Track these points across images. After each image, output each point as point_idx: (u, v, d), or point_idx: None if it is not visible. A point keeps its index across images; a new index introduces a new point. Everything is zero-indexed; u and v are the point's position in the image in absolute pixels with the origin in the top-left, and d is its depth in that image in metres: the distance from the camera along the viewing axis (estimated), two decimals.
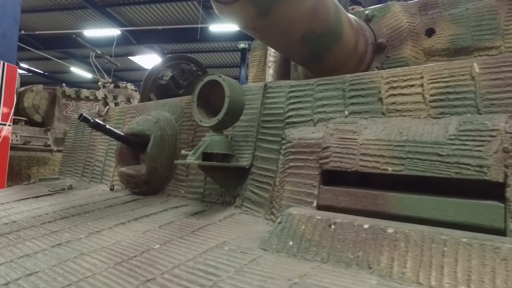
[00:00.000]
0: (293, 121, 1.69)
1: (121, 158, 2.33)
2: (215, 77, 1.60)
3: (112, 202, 2.07)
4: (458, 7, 2.45)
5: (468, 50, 2.39)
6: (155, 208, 1.86)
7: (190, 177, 2.04)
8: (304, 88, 1.70)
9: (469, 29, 2.38)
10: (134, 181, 2.16)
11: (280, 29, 1.88)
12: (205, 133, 2.05)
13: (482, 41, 2.34)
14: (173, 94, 3.52)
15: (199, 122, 1.63)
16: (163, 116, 2.28)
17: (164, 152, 2.13)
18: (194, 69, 3.64)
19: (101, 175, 2.74)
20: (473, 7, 2.39)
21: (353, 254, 1.05)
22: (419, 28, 2.57)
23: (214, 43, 16.58)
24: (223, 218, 1.62)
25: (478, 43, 2.35)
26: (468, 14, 2.39)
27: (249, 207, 1.70)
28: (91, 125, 1.98)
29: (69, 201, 2.18)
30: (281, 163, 1.53)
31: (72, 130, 3.38)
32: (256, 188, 1.71)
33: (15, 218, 1.81)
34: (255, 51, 3.67)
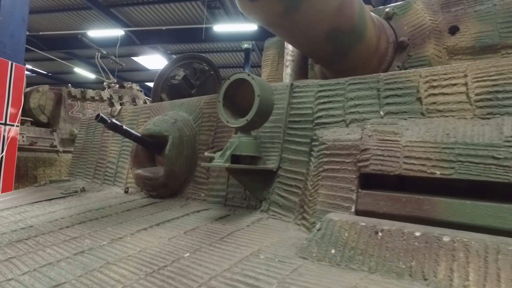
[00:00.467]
0: (323, 121, 1.61)
1: (137, 160, 2.26)
2: (243, 75, 1.52)
3: (129, 205, 1.99)
4: (484, 3, 2.37)
5: (495, 48, 2.31)
6: (175, 213, 1.79)
7: (211, 179, 1.97)
8: (334, 88, 1.63)
9: (496, 26, 2.30)
10: (151, 184, 2.09)
11: (306, 26, 1.81)
12: (226, 134, 1.98)
13: (510, 38, 2.26)
14: (184, 94, 3.46)
15: (225, 122, 1.55)
16: (180, 117, 2.21)
17: (182, 154, 2.05)
18: (206, 69, 3.57)
19: (114, 177, 2.67)
20: (500, 3, 2.31)
21: (405, 264, 0.97)
22: (442, 25, 2.49)
23: (218, 43, 16.54)
24: (250, 224, 1.54)
25: (506, 40, 2.27)
26: (496, 10, 2.31)
27: (276, 211, 1.62)
28: (108, 126, 1.91)
29: (83, 204, 2.11)
30: (314, 165, 1.45)
31: (82, 130, 3.32)
32: (284, 192, 1.63)
33: (31, 223, 1.74)
34: (268, 50, 3.60)
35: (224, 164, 1.41)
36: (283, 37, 2.02)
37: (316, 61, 2.48)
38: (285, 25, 1.77)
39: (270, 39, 3.66)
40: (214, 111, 2.10)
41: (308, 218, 1.42)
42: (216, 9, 14.14)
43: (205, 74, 3.64)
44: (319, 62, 2.43)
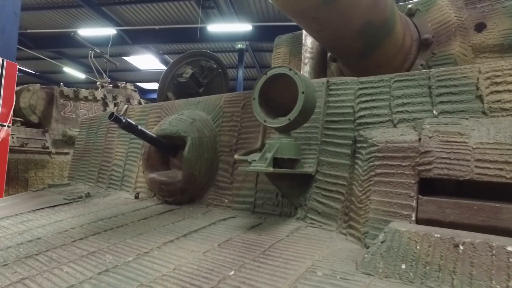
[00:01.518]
0: (366, 121, 1.48)
1: (150, 163, 2.09)
2: (283, 70, 1.38)
3: (144, 213, 1.82)
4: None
5: None
6: (199, 221, 1.63)
7: (236, 184, 1.81)
8: (377, 85, 1.50)
9: None
10: (168, 189, 1.92)
11: (342, 19, 1.68)
12: (252, 135, 1.83)
13: None
14: (191, 93, 3.29)
15: (262, 122, 1.40)
16: (198, 116, 2.05)
17: (203, 157, 1.89)
18: (214, 67, 3.41)
19: (121, 181, 2.48)
20: None
21: (499, 283, 0.84)
22: (467, 22, 2.39)
23: (211, 44, 16.32)
24: (289, 233, 1.39)
25: None
26: None
27: (315, 219, 1.48)
28: (123, 126, 1.74)
29: (92, 212, 1.92)
30: (363, 169, 1.31)
31: (83, 131, 3.11)
32: (323, 198, 1.49)
33: (38, 234, 1.56)
34: (279, 47, 3.46)
35: (266, 168, 1.26)
36: (312, 31, 1.89)
37: (341, 59, 2.35)
38: (320, 17, 1.63)
39: (280, 36, 3.53)
40: (237, 110, 1.95)
41: (357, 227, 1.28)
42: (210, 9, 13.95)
43: (212, 72, 3.48)
44: (344, 59, 2.31)
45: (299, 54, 3.31)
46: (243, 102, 1.93)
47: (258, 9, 13.74)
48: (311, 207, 1.51)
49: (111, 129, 2.76)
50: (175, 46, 16.93)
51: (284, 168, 1.40)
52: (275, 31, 15.45)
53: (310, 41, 2.55)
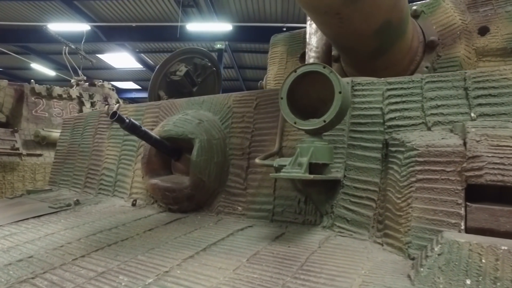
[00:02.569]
0: (397, 124, 1.40)
1: (150, 167, 1.91)
2: (317, 67, 1.27)
3: (148, 223, 1.65)
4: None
5: None
6: (214, 232, 1.48)
7: (250, 190, 1.68)
8: (408, 86, 1.42)
9: None
10: (173, 196, 1.75)
11: (364, 16, 1.61)
12: (267, 137, 1.71)
13: None
14: (184, 93, 3.11)
15: (292, 124, 1.28)
16: (204, 117, 1.89)
17: (212, 161, 1.74)
18: (208, 65, 3.25)
19: (113, 186, 2.27)
20: None
21: None
22: (471, 26, 2.40)
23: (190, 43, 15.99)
24: (320, 244, 1.28)
25: None
26: None
27: (344, 227, 1.38)
28: (126, 127, 1.56)
29: (87, 222, 1.72)
30: (402, 175, 1.23)
31: (66, 131, 2.85)
32: (352, 205, 1.40)
33: (28, 251, 1.35)
34: (275, 47, 3.35)
35: (305, 175, 1.14)
36: (329, 29, 1.79)
37: (350, 59, 2.28)
38: (343, 14, 1.54)
39: (276, 35, 3.42)
40: (248, 110, 1.82)
41: (397, 236, 1.19)
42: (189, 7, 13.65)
43: (206, 71, 3.32)
44: (353, 59, 2.24)
45: (297, 54, 3.23)
46: (256, 102, 1.80)
47: (238, 9, 13.62)
48: (339, 214, 1.41)
49: (100, 129, 2.53)
50: (152, 44, 16.45)
51: (315, 173, 1.29)
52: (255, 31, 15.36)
53: (315, 40, 2.46)
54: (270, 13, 13.80)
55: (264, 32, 14.24)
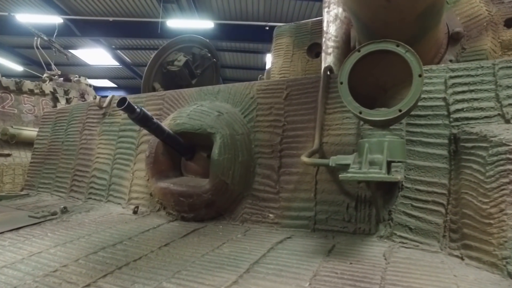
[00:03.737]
0: (466, 116, 1.20)
1: (157, 168, 1.61)
2: (387, 45, 1.04)
3: (160, 236, 1.35)
4: None
5: None
6: (248, 245, 1.22)
7: (284, 194, 1.43)
8: (476, 73, 1.23)
9: None
10: (190, 202, 1.47)
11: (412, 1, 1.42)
12: (301, 132, 1.46)
13: None
14: (182, 85, 2.82)
15: (356, 114, 1.04)
16: (223, 108, 1.62)
17: (237, 160, 1.48)
18: (208, 56, 2.97)
19: (107, 190, 1.95)
20: None
21: None
22: (496, 17, 2.28)
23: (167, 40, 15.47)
24: (387, 259, 1.05)
25: None
26: None
27: (408, 237, 1.17)
28: (137, 117, 1.26)
29: (81, 236, 1.40)
30: (488, 175, 1.02)
31: (46, 127, 2.46)
32: (415, 210, 1.18)
33: (9, 280, 1.02)
34: (280, 38, 3.12)
35: (391, 176, 0.91)
36: (371, 11, 1.58)
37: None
38: None
39: (281, 26, 3.19)
40: (277, 101, 1.56)
41: (486, 249, 0.98)
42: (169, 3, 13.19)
43: (205, 62, 3.03)
44: None
45: (304, 46, 3.02)
46: (287, 92, 1.56)
47: (220, 7, 13.32)
48: (399, 221, 1.19)
49: (90, 124, 2.19)
50: (130, 41, 15.79)
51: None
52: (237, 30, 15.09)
53: (334, 29, 2.25)
54: (252, 12, 13.60)
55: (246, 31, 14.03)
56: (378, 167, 0.94)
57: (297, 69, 2.96)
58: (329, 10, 2.29)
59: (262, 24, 14.02)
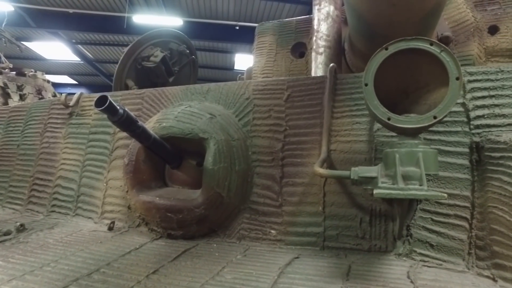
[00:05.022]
0: (487, 123, 1.12)
1: (138, 178, 1.39)
2: (419, 43, 0.93)
3: (146, 259, 1.15)
4: None
5: None
6: (254, 269, 1.05)
7: (288, 208, 1.27)
8: (495, 77, 1.16)
9: None
10: (179, 218, 1.27)
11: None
12: (305, 138, 1.32)
13: None
14: (157, 83, 2.58)
15: (384, 120, 0.92)
16: (215, 110, 1.44)
17: (233, 169, 1.30)
18: (186, 52, 2.75)
19: (75, 202, 1.68)
20: None
21: None
22: (481, 24, 2.30)
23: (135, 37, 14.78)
24: (413, 281, 0.94)
25: None
26: None
27: (429, 255, 1.07)
28: (119, 120, 1.05)
29: (46, 263, 1.15)
30: None
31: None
32: (435, 225, 1.08)
33: None
34: (263, 36, 2.97)
35: (433, 193, 0.79)
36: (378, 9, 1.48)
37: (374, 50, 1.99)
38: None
39: (263, 23, 3.05)
40: (277, 102, 1.41)
41: None
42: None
43: (182, 59, 2.81)
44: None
45: (288, 45, 2.89)
46: (288, 93, 1.40)
47: (189, 4, 12.95)
48: (419, 237, 1.09)
49: (53, 125, 1.90)
50: (92, 35, 14.88)
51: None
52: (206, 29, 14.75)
53: (325, 27, 2.15)
54: (222, 11, 13.37)
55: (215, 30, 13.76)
56: (416, 182, 0.82)
57: (281, 69, 2.83)
58: (320, 8, 2.18)
59: (232, 24, 13.85)
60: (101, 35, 14.61)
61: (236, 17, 13.31)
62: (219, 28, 13.76)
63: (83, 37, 15.07)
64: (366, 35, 1.84)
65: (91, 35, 14.66)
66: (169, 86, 2.21)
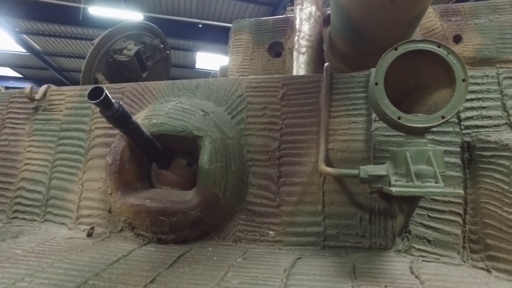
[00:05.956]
0: (476, 124, 1.19)
1: (123, 179, 1.29)
2: (427, 45, 0.95)
3: (139, 268, 1.06)
4: (480, 18, 2.47)
5: (492, 62, 2.42)
6: (258, 272, 1.01)
7: (287, 208, 1.25)
8: (482, 81, 1.24)
9: (494, 41, 2.41)
10: (172, 222, 1.19)
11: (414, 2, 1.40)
12: (302, 137, 1.31)
13: (505, 54, 2.40)
14: (130, 78, 2.44)
15: (394, 119, 0.93)
16: (207, 107, 1.37)
17: (229, 168, 1.25)
18: (161, 47, 2.63)
19: (44, 206, 1.51)
20: (496, 20, 2.43)
21: None
22: (447, 33, 2.47)
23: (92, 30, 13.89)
24: (418, 277, 0.96)
25: (502, 55, 2.40)
26: (492, 26, 2.42)
27: (427, 250, 1.11)
28: (114, 115, 0.95)
29: (18, 278, 1.01)
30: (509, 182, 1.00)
31: None
32: (432, 221, 1.13)
33: None
34: (239, 34, 2.92)
35: (450, 190, 0.81)
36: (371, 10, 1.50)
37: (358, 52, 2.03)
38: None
39: (240, 21, 3.00)
40: (271, 100, 1.38)
41: None
42: None
43: (156, 54, 2.68)
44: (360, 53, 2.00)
45: (264, 44, 2.87)
46: (283, 91, 1.38)
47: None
48: (417, 234, 1.13)
49: (13, 120, 1.70)
50: (41, 25, 13.72)
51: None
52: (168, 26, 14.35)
53: (307, 27, 2.16)
54: (184, 7, 13.06)
55: (177, 27, 13.40)
56: (431, 180, 0.84)
57: (258, 67, 2.81)
58: (303, 8, 2.19)
59: (195, 21, 13.59)
60: (52, 26, 13.52)
61: (198, 15, 13.06)
62: (181, 25, 13.41)
63: (29, 26, 13.84)
64: (351, 37, 1.87)
65: (40, 24, 13.51)
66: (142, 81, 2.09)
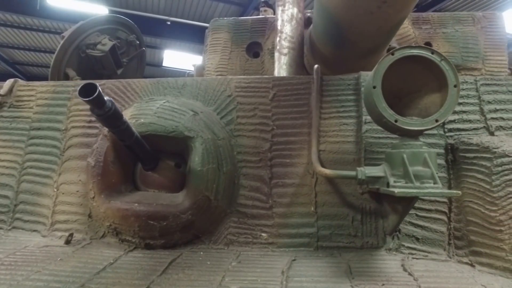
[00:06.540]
0: (458, 127, 1.26)
1: (107, 182, 1.21)
2: (422, 51, 0.99)
3: (130, 277, 1.00)
4: (447, 27, 2.63)
5: (458, 69, 2.58)
6: (257, 276, 1.00)
7: (279, 209, 1.24)
8: (462, 87, 1.30)
9: (460, 49, 2.57)
10: (162, 226, 1.13)
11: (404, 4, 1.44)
12: (294, 138, 1.31)
13: (469, 62, 2.57)
14: (102, 74, 2.32)
15: (391, 121, 0.95)
16: (196, 107, 1.33)
17: (221, 170, 1.22)
18: (136, 43, 2.52)
19: (11, 212, 1.39)
20: (461, 30, 2.60)
21: None
22: (419, 40, 2.60)
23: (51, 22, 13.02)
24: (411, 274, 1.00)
25: (466, 63, 2.58)
26: (458, 35, 2.59)
27: (416, 248, 1.15)
28: (105, 114, 0.88)
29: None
30: (494, 184, 1.07)
31: None
32: (419, 220, 1.17)
33: None
34: (217, 33, 2.87)
35: (450, 191, 0.84)
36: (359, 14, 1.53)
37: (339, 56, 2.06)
38: None
39: (217, 19, 2.95)
40: (262, 101, 1.36)
41: (498, 255, 1.03)
42: None
43: (130, 50, 2.57)
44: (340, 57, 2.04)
45: (243, 44, 2.85)
46: (273, 91, 1.37)
47: None
48: (406, 232, 1.17)
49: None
50: None
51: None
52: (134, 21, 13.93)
53: (290, 29, 2.17)
54: (152, 4, 12.69)
55: (144, 23, 12.95)
56: (430, 181, 0.87)
57: (236, 67, 2.78)
58: (285, 9, 2.20)
59: (163, 18, 13.24)
60: (4, 14, 12.50)
61: (167, 12, 12.73)
62: (148, 22, 12.99)
63: None
64: (334, 40, 1.91)
65: None
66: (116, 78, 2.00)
